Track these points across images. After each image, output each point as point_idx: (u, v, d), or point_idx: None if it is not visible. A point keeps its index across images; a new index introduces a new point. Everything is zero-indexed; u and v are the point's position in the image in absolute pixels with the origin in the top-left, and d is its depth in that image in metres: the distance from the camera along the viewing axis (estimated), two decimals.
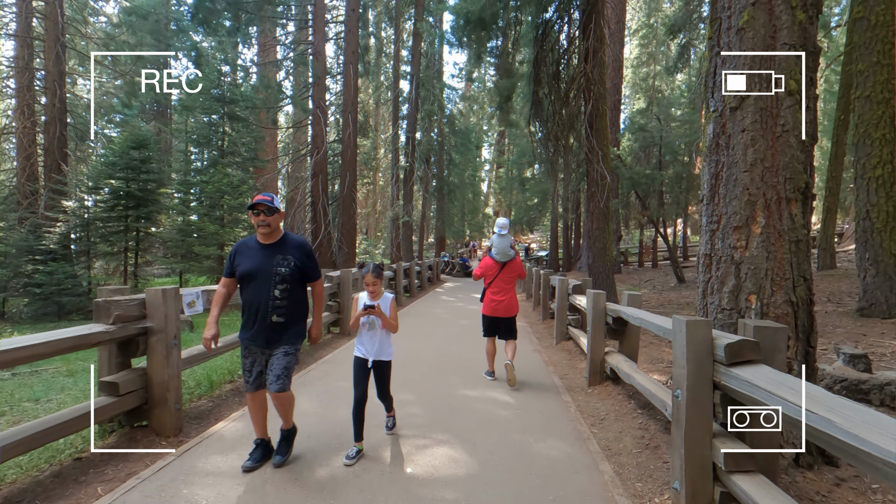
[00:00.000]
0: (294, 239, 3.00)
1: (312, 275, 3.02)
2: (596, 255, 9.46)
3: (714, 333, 2.43)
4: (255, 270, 2.85)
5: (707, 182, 2.87)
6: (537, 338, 7.94)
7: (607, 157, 9.28)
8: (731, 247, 2.74)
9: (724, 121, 2.75)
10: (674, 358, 2.58)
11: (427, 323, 9.18)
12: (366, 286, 3.15)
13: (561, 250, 23.80)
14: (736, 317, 2.73)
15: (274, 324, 2.83)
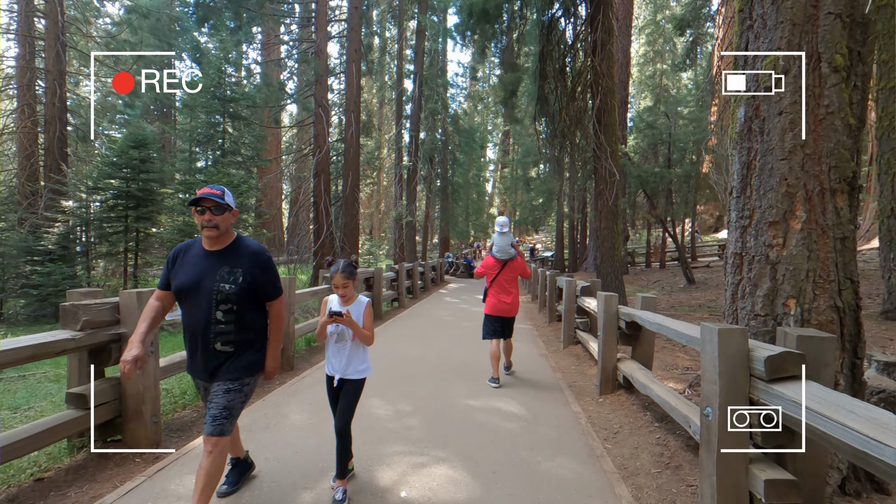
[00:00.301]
0: (247, 246, 2.32)
1: (268, 292, 2.34)
2: (604, 256, 9.13)
3: (751, 344, 2.12)
4: (191, 285, 2.21)
5: (737, 172, 2.56)
6: (544, 341, 7.63)
7: (616, 153, 8.95)
8: (765, 245, 2.43)
9: (758, 102, 2.44)
10: (703, 371, 2.27)
11: (429, 325, 8.89)
12: (334, 288, 2.62)
13: (566, 251, 23.44)
14: (772, 324, 2.42)
15: (218, 353, 2.22)
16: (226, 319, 2.20)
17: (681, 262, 13.96)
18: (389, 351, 6.46)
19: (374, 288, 9.73)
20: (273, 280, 2.35)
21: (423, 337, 7.60)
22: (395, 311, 10.98)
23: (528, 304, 13.39)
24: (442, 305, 12.39)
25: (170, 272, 2.31)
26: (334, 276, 2.58)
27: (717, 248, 27.76)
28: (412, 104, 19.99)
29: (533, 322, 9.76)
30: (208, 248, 2.28)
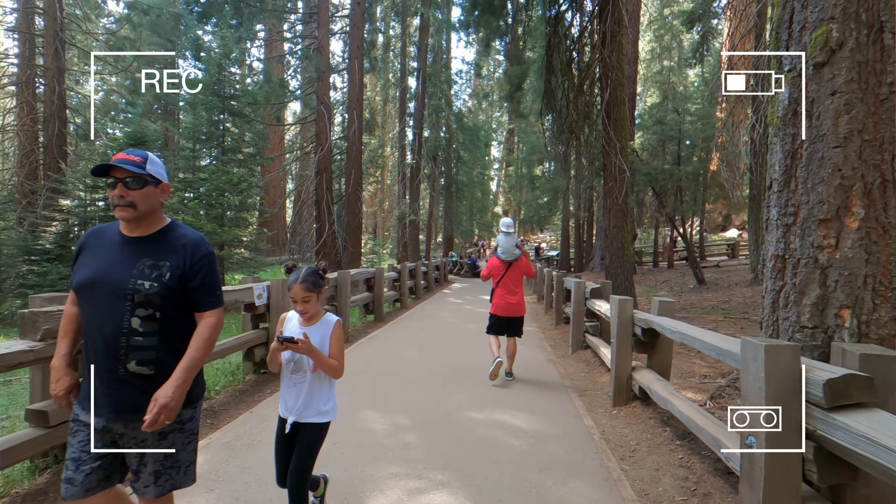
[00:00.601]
0: (183, 235, 1.69)
1: (201, 299, 1.66)
2: (613, 255, 8.79)
3: (804, 363, 1.80)
4: (95, 280, 1.59)
5: (779, 163, 2.24)
6: (551, 345, 7.31)
7: (626, 149, 8.61)
8: (814, 246, 2.10)
9: (806, 81, 2.11)
10: (743, 393, 1.95)
11: (431, 327, 8.59)
12: (293, 303, 2.04)
13: (572, 250, 23.07)
14: (822, 337, 2.09)
15: (132, 376, 1.56)
16: (145, 330, 1.56)
17: (690, 262, 13.59)
18: (389, 355, 6.16)
19: (375, 288, 9.43)
20: (211, 284, 1.68)
21: (425, 340, 7.29)
22: (396, 312, 10.68)
23: (534, 304, 13.06)
24: (445, 306, 12.09)
25: (75, 265, 1.69)
26: (292, 286, 2.01)
27: (725, 247, 27.39)
28: (415, 101, 19.69)
29: (539, 324, 9.44)
30: (126, 234, 1.66)
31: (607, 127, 8.37)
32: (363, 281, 9.40)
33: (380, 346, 6.82)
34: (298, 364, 2.03)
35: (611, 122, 8.38)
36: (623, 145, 8.53)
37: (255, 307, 4.89)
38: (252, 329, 5.12)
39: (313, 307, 2.04)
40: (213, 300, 1.69)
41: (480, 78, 30.08)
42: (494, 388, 4.80)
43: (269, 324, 5.14)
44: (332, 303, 7.23)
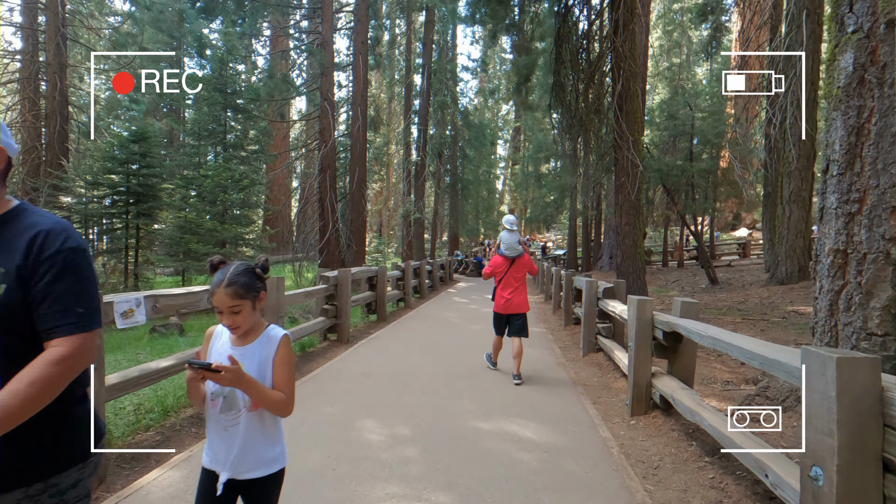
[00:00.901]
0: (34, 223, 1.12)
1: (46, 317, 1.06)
2: (625, 254, 8.45)
3: (884, 381, 1.47)
4: None
5: (840, 141, 1.91)
6: (560, 347, 6.98)
7: (639, 143, 8.26)
8: (885, 238, 1.78)
9: (875, 43, 1.78)
10: (806, 416, 1.63)
11: (435, 328, 8.28)
12: (218, 315, 1.45)
13: (580, 249, 22.70)
14: (894, 347, 1.76)
15: None
16: None
17: (702, 261, 13.19)
18: (391, 356, 5.86)
19: (377, 287, 9.14)
20: (66, 295, 1.08)
21: (429, 341, 6.99)
22: (400, 312, 10.39)
23: (542, 304, 12.73)
24: (450, 306, 11.79)
25: None
26: (214, 292, 1.41)
27: (735, 246, 26.81)
28: (420, 98, 19.38)
29: (547, 325, 9.11)
30: None
31: (619, 119, 8.02)
32: (365, 279, 9.12)
33: (381, 347, 6.53)
34: (230, 400, 1.43)
35: (623, 115, 8.03)
36: (636, 139, 8.18)
37: None
38: None
39: (246, 319, 1.44)
40: (69, 321, 1.07)
41: (486, 75, 29.67)
42: (501, 394, 4.49)
43: None
44: (331, 302, 6.95)
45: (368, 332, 7.97)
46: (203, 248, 11.93)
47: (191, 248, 11.89)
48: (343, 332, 6.99)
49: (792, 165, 10.66)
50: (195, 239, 12.15)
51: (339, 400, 4.16)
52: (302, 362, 5.67)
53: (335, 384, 4.66)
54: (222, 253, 12.86)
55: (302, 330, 5.88)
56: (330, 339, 7.04)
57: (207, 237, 12.05)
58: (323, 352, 6.29)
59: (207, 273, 12.81)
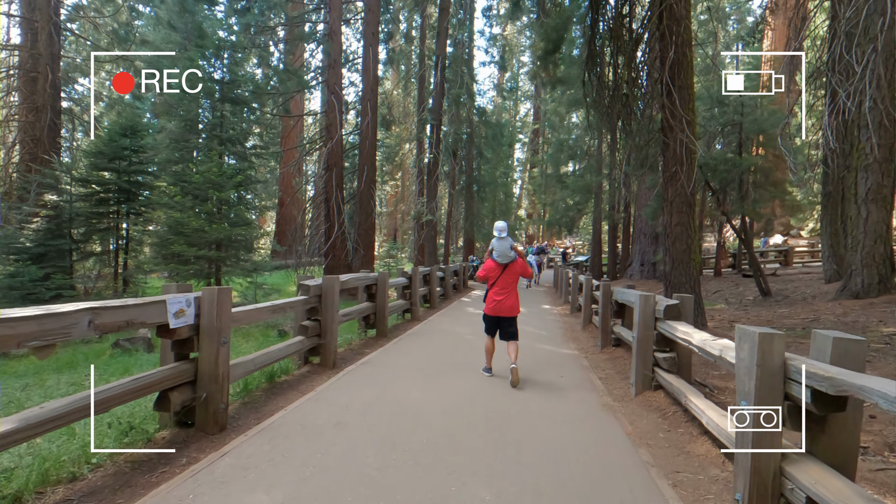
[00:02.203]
0: None
1: None
2: (676, 261, 6.92)
3: None
4: None
5: None
6: (601, 378, 5.49)
7: (694, 123, 6.77)
8: None
9: None
10: None
11: (444, 348, 6.86)
12: None
13: (605, 255, 21.08)
14: None
15: None
16: None
17: (753, 270, 11.53)
18: (381, 392, 4.46)
19: (377, 297, 7.78)
20: None
21: (433, 367, 5.58)
22: (405, 325, 9.00)
23: (567, 317, 11.21)
24: (462, 318, 10.36)
25: None
26: None
27: (774, 254, 24.77)
28: (434, 91, 18.06)
29: (579, 346, 7.61)
30: None
31: (672, 95, 6.53)
32: (363, 288, 7.76)
33: (373, 376, 5.14)
34: None
35: (676, 90, 6.54)
36: (691, 119, 6.69)
37: (170, 330, 3.26)
38: (174, 362, 3.49)
39: None
40: None
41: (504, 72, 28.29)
42: (533, 464, 3.05)
43: (200, 353, 3.52)
44: (314, 317, 5.59)
45: (363, 351, 6.60)
46: (189, 251, 10.74)
47: (175, 251, 10.71)
48: (328, 355, 5.63)
49: (869, 158, 9.02)
50: (181, 240, 10.97)
51: (288, 478, 2.78)
52: (264, 399, 4.30)
53: (292, 444, 3.28)
54: (217, 256, 11.63)
55: (268, 356, 4.52)
56: (312, 363, 5.69)
57: (195, 238, 10.86)
58: (297, 382, 4.92)
59: (200, 278, 11.57)
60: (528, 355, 6.52)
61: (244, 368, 4.09)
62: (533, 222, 47.07)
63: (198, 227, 10.54)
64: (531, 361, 6.12)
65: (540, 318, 10.94)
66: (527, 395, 4.60)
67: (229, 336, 3.65)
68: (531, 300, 14.91)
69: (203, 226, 10.71)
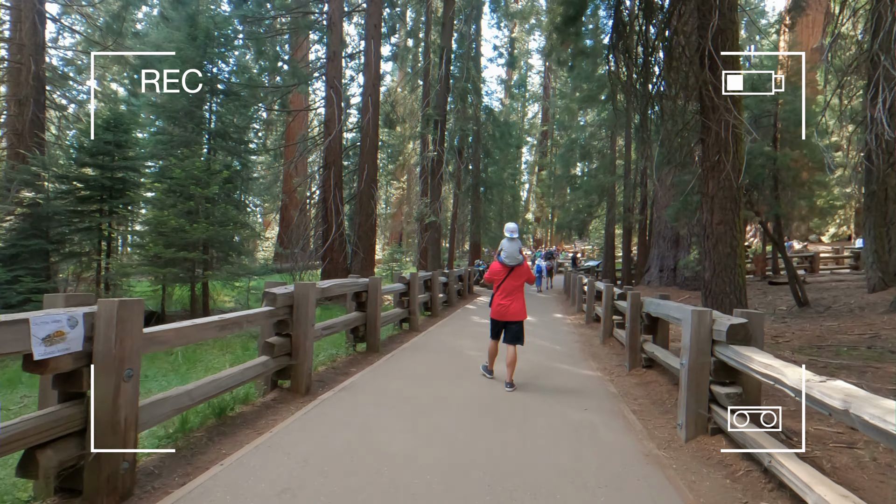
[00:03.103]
0: None
1: None
2: (718, 266, 5.86)
3: None
4: None
5: None
6: (635, 411, 4.42)
7: (741, 103, 5.73)
8: None
9: None
10: None
11: (441, 368, 5.83)
12: None
13: (619, 260, 19.96)
14: None
15: None
16: None
17: (789, 277, 10.41)
18: (353, 438, 3.43)
19: (367, 307, 6.78)
20: None
21: (428, 396, 4.55)
22: (401, 337, 8.00)
23: (582, 328, 10.15)
24: (466, 328, 9.32)
25: None
26: None
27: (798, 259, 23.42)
28: (439, 85, 17.10)
29: (599, 363, 6.55)
30: None
31: (715, 66, 5.49)
32: (352, 296, 6.76)
33: (349, 411, 4.12)
34: None
35: (720, 61, 5.50)
36: (737, 98, 5.64)
37: (38, 363, 2.26)
38: (56, 405, 2.51)
39: None
40: None
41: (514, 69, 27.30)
42: None
43: (94, 391, 2.52)
44: (283, 332, 4.60)
45: (348, 371, 5.60)
46: (167, 252, 9.82)
47: (153, 253, 9.79)
48: (300, 378, 4.63)
49: None
50: (163, 241, 10.06)
51: None
52: (204, 444, 3.30)
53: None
54: (200, 258, 10.69)
55: (215, 384, 3.53)
56: (281, 388, 4.69)
57: (174, 238, 9.93)
58: (256, 416, 3.92)
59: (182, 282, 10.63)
60: (543, 377, 5.49)
61: (173, 406, 3.09)
62: (541, 226, 46.04)
63: (177, 227, 9.61)
64: (548, 385, 5.10)
65: (552, 328, 9.89)
66: (547, 439, 3.56)
67: (138, 366, 2.64)
68: (541, 308, 13.85)
69: (183, 225, 9.78)
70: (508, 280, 5.10)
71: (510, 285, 5.09)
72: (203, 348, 7.98)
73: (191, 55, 12.01)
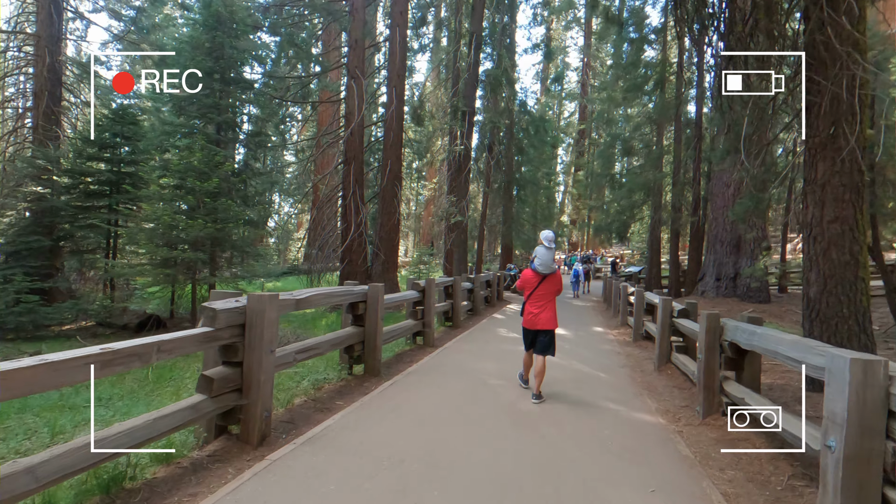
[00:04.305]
0: None
1: None
2: (830, 280, 4.30)
3: None
4: None
5: None
6: (728, 496, 2.96)
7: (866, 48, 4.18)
8: None
9: None
10: None
11: (451, 405, 4.50)
12: None
13: (665, 266, 18.07)
14: None
15: None
16: None
17: (888, 292, 8.51)
18: None
19: (366, 321, 5.54)
20: None
21: (420, 464, 3.23)
22: (411, 355, 6.72)
23: (628, 346, 8.59)
24: (491, 345, 7.94)
25: None
26: None
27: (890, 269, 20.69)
28: (467, 73, 15.80)
29: (658, 400, 5.05)
30: None
31: (834, 13, 3.96)
32: (347, 308, 5.53)
33: (297, 487, 2.85)
34: None
35: (832, 8, 3.97)
36: (862, 45, 4.09)
37: None
38: None
39: None
40: None
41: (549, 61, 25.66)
42: None
43: None
44: (233, 360, 3.39)
45: (330, 406, 4.37)
46: (161, 253, 8.91)
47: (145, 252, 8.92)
48: (251, 423, 3.40)
49: None
50: (157, 239, 9.18)
51: None
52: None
53: None
54: (194, 258, 9.64)
55: (115, 439, 2.34)
56: (230, 435, 3.48)
57: (171, 237, 9.03)
58: (173, 485, 2.71)
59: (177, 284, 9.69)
60: (586, 422, 4.09)
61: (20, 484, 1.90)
62: (577, 228, 44.03)
63: (171, 223, 8.68)
64: (593, 438, 3.68)
65: (593, 346, 8.38)
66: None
67: None
68: (578, 319, 12.30)
69: (178, 222, 8.84)
70: (541, 289, 4.94)
71: (542, 294, 4.94)
72: (184, 361, 6.94)
73: (195, 34, 11.15)
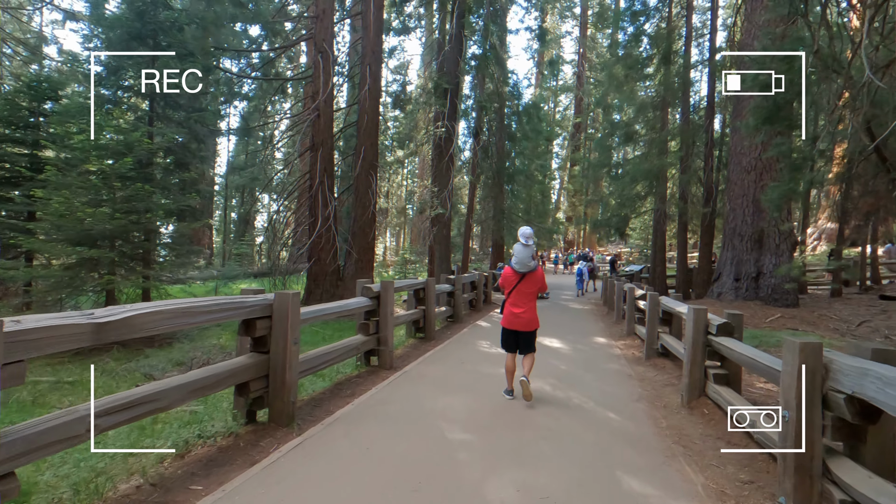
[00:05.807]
0: None
1: None
2: None
3: None
4: None
5: None
6: None
7: None
8: None
9: None
10: None
11: (378, 490, 2.74)
12: None
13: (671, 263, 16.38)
14: None
15: None
16: None
17: None
18: None
19: (270, 344, 3.74)
20: None
21: None
22: (354, 385, 4.95)
23: (640, 366, 6.85)
24: (466, 367, 6.16)
25: None
26: None
27: None
28: (449, 45, 14.02)
29: (709, 478, 3.32)
30: None
31: None
32: (241, 327, 3.73)
33: None
34: None
35: None
36: None
37: None
38: None
39: None
40: None
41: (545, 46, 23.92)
42: None
43: None
44: None
45: (186, 486, 2.59)
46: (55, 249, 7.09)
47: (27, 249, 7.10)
48: None
49: None
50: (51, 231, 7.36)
51: None
52: None
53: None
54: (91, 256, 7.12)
55: None
56: None
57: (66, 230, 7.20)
58: None
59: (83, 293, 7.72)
60: None
61: None
62: (573, 225, 42.44)
63: (60, 214, 6.85)
64: None
65: (595, 366, 6.62)
66: None
67: None
68: (575, 325, 10.56)
69: (73, 210, 7.02)
70: (520, 287, 4.79)
71: (521, 293, 4.79)
72: None
73: None
